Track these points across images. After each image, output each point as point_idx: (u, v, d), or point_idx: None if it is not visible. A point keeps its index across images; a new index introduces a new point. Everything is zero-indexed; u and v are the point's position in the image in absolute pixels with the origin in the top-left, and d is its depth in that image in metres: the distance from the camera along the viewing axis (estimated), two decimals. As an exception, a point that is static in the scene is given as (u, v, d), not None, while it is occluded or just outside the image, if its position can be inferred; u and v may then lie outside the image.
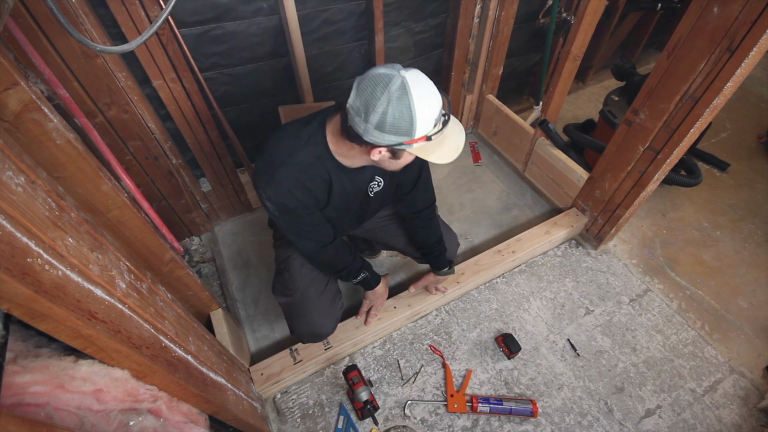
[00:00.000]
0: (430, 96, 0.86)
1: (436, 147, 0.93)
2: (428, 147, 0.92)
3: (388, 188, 1.23)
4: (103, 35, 1.16)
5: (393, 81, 0.83)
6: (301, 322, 1.29)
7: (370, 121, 0.85)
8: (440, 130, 0.91)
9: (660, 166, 1.41)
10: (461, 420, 1.38)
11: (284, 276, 1.30)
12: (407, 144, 0.89)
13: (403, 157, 0.96)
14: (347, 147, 0.99)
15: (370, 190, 1.20)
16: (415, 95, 0.84)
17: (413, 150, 0.91)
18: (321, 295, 1.30)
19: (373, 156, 0.94)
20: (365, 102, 0.85)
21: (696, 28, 1.15)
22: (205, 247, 1.90)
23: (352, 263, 1.27)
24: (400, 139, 0.88)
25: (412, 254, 1.50)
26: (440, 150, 0.93)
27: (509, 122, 2.12)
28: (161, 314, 0.77)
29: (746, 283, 1.75)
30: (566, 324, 1.62)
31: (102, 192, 0.88)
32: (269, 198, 1.01)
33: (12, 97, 0.65)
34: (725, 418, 1.40)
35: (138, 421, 0.68)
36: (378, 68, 0.86)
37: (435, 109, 0.88)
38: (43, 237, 0.50)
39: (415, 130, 0.86)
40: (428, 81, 0.88)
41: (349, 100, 0.88)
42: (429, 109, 0.86)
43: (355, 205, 1.21)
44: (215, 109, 1.52)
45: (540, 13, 2.13)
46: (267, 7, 1.43)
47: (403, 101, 0.83)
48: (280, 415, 1.40)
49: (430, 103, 0.86)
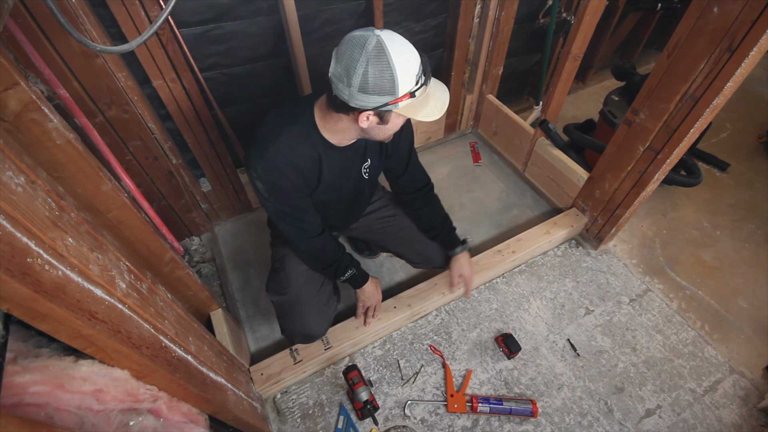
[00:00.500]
0: (407, 52, 0.87)
1: (421, 105, 0.93)
2: (414, 105, 0.92)
3: (377, 168, 1.25)
4: (103, 35, 1.16)
5: (369, 40, 0.84)
6: (293, 321, 1.29)
7: (353, 85, 0.86)
8: (423, 86, 0.91)
9: (660, 166, 1.41)
10: (461, 420, 1.38)
11: (279, 274, 1.30)
12: (393, 104, 0.89)
13: (390, 121, 0.96)
14: (335, 120, 1.00)
15: (365, 171, 1.20)
16: (392, 52, 0.84)
17: (400, 109, 0.92)
18: (315, 295, 1.30)
19: (362, 123, 0.94)
20: (345, 66, 0.85)
21: (696, 28, 1.15)
22: (205, 247, 1.90)
23: (340, 258, 1.26)
24: (384, 99, 0.88)
25: (409, 258, 1.50)
26: (426, 108, 0.94)
27: (509, 122, 2.12)
28: (161, 314, 0.77)
29: (746, 283, 1.75)
30: (566, 324, 1.62)
31: (102, 192, 0.88)
32: (259, 177, 1.01)
33: (12, 97, 0.65)
34: (725, 418, 1.40)
35: (138, 421, 0.68)
36: (353, 32, 0.87)
37: (414, 65, 0.88)
38: (43, 237, 0.50)
39: (397, 87, 0.87)
40: (404, 39, 0.89)
41: (330, 69, 0.89)
42: (408, 65, 0.87)
43: (348, 188, 1.21)
44: (215, 109, 1.52)
45: (540, 13, 2.13)
46: (267, 7, 1.43)
47: (381, 59, 0.84)
48: (280, 415, 1.40)
49: (408, 58, 0.87)
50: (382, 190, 1.55)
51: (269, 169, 1.01)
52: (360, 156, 1.17)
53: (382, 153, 1.23)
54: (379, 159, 1.23)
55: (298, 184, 1.06)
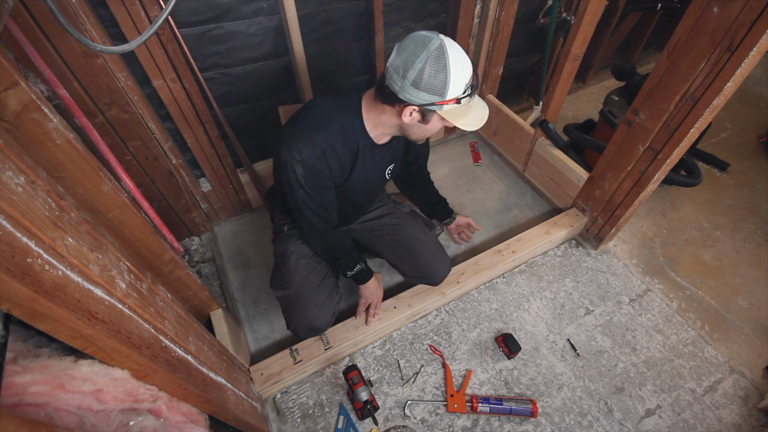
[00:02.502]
0: (464, 60, 0.92)
1: (463, 113, 0.98)
2: (456, 112, 0.97)
3: (397, 172, 1.34)
4: (103, 35, 1.16)
5: (432, 41, 0.89)
6: (297, 314, 1.30)
7: (407, 78, 0.91)
8: (468, 96, 0.96)
9: (660, 166, 1.41)
10: (461, 420, 1.38)
11: (281, 270, 1.32)
12: (438, 105, 0.94)
13: (431, 123, 1.01)
14: (379, 111, 1.04)
15: (388, 172, 1.27)
16: (451, 57, 0.89)
17: (443, 112, 0.96)
18: (317, 288, 1.31)
19: (404, 117, 0.99)
20: (405, 60, 0.90)
21: (696, 28, 1.15)
22: (205, 247, 1.90)
23: (351, 252, 1.31)
24: (432, 99, 0.93)
25: (402, 269, 1.49)
26: (467, 117, 0.99)
27: (509, 122, 2.12)
28: (161, 314, 0.77)
29: (746, 283, 1.75)
30: (566, 324, 1.62)
31: (102, 192, 0.88)
32: (303, 160, 1.02)
33: (12, 97, 0.65)
34: (725, 418, 1.40)
35: (138, 421, 0.68)
36: (419, 31, 0.93)
37: (467, 74, 0.94)
38: (43, 237, 0.50)
39: (447, 90, 0.92)
40: (462, 50, 0.94)
41: (390, 60, 0.94)
42: (462, 73, 0.92)
43: (371, 185, 1.27)
44: (215, 109, 1.52)
45: (540, 13, 2.13)
46: (267, 7, 1.43)
47: (440, 61, 0.89)
48: (280, 415, 1.40)
49: (463, 67, 0.92)
50: (387, 197, 1.57)
51: (315, 154, 1.03)
52: (389, 157, 1.22)
53: (405, 158, 1.30)
54: (401, 164, 1.31)
55: (335, 173, 1.09)
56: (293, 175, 1.05)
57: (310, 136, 1.02)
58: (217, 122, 1.58)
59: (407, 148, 1.30)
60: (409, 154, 1.32)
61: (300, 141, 1.02)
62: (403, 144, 1.26)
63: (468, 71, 0.94)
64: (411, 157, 1.34)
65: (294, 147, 1.02)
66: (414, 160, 1.39)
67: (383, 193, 1.57)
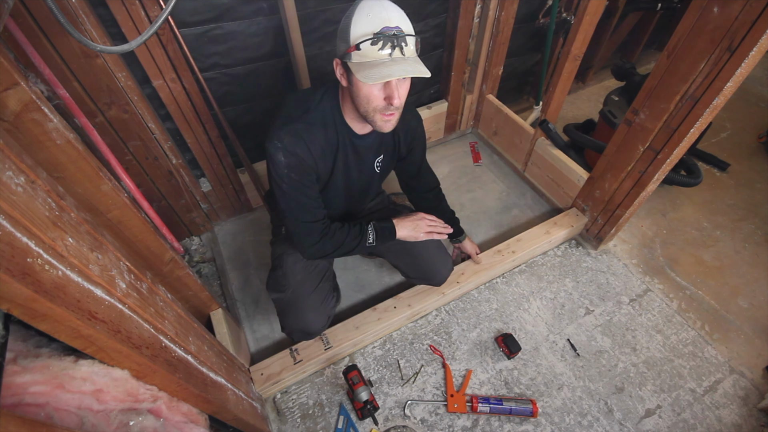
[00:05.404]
0: (378, 10, 0.88)
1: (370, 66, 0.89)
2: (364, 64, 0.90)
3: (388, 165, 1.30)
4: (103, 35, 1.16)
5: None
6: (292, 318, 1.30)
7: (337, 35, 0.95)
8: (375, 46, 0.88)
9: (660, 166, 1.41)
10: (461, 420, 1.38)
11: (278, 272, 1.31)
12: (347, 54, 0.92)
13: (356, 85, 0.94)
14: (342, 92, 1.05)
15: (377, 165, 1.25)
16: (364, 5, 0.89)
17: (352, 64, 0.91)
18: (312, 292, 1.30)
19: (337, 73, 0.99)
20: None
21: (696, 28, 1.15)
22: (205, 247, 1.90)
23: (350, 227, 1.22)
24: (342, 47, 0.93)
25: (404, 270, 1.49)
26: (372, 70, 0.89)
27: (509, 122, 2.12)
28: (161, 314, 0.77)
29: (746, 283, 1.75)
30: (566, 324, 1.62)
31: (102, 192, 0.88)
32: (285, 148, 1.02)
33: (12, 97, 0.65)
34: (725, 418, 1.40)
35: (138, 421, 0.68)
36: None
37: (374, 21, 0.88)
38: (43, 237, 0.50)
39: (350, 34, 0.89)
40: (393, 6, 0.91)
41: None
42: (367, 18, 0.88)
43: (358, 180, 1.25)
44: (215, 109, 1.52)
45: (540, 13, 2.13)
46: (267, 7, 1.43)
47: (353, 9, 0.90)
48: (280, 415, 1.40)
49: (370, 14, 0.88)
50: (387, 198, 1.57)
51: (297, 141, 1.03)
52: (375, 147, 1.20)
53: (395, 151, 1.28)
54: (391, 156, 1.28)
55: (318, 162, 1.09)
56: (276, 166, 1.03)
57: (290, 124, 1.03)
58: (217, 122, 1.58)
59: (396, 140, 1.25)
60: (401, 147, 1.26)
61: (282, 130, 1.02)
62: (390, 135, 1.19)
63: (378, 20, 0.87)
64: (403, 150, 1.27)
65: (276, 136, 1.02)
66: (407, 153, 1.31)
67: (383, 194, 1.57)
